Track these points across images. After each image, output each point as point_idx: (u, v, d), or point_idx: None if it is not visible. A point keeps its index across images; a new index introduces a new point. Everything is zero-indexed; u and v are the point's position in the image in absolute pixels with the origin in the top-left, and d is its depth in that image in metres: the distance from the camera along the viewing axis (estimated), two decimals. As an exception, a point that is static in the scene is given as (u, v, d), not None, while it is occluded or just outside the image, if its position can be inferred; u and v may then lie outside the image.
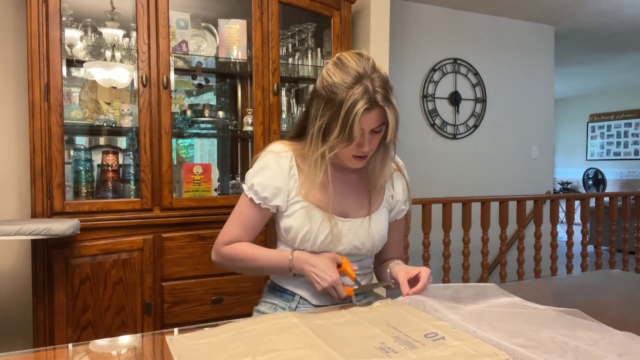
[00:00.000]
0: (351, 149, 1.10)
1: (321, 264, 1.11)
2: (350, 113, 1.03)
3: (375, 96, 1.04)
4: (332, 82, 1.07)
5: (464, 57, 4.16)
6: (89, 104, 2.13)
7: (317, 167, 1.12)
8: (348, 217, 1.19)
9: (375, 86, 1.05)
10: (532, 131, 4.52)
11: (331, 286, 1.08)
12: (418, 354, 0.75)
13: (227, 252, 1.21)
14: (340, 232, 1.17)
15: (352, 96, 1.03)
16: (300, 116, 1.25)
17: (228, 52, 2.27)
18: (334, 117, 1.06)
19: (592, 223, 4.61)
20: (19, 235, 1.55)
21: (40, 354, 0.89)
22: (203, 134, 2.58)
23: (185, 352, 0.79)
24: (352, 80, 1.05)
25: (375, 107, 1.05)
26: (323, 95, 1.09)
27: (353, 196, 1.22)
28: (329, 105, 1.07)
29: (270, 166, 1.18)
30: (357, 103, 1.02)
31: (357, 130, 1.04)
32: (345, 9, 2.43)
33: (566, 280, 1.76)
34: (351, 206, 1.21)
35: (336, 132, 1.06)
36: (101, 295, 1.93)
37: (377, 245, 1.23)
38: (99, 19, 2.12)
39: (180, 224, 2.07)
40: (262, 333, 0.86)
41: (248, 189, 1.20)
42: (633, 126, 8.01)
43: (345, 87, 1.04)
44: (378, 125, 1.08)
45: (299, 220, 1.16)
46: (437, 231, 3.01)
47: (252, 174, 1.20)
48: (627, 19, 4.26)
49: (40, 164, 1.86)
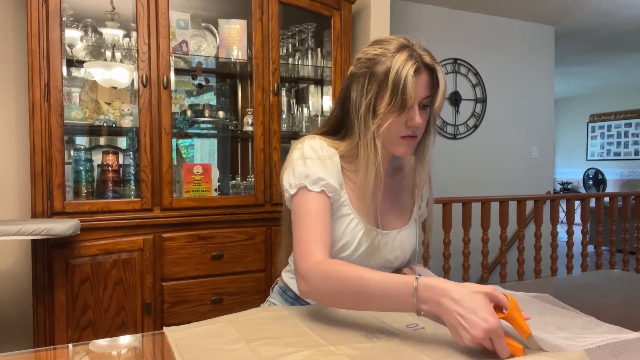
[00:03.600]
0: (400, 127, 1.01)
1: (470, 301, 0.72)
2: (400, 76, 0.95)
3: (422, 58, 0.98)
4: (373, 55, 1.01)
5: (464, 57, 4.16)
6: (89, 104, 2.13)
7: (371, 151, 1.00)
8: (385, 228, 1.10)
9: (420, 50, 1.00)
10: (532, 131, 4.52)
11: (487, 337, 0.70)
12: (400, 340, 0.80)
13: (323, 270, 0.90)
14: (378, 245, 1.07)
15: (398, 60, 0.96)
16: (334, 112, 1.12)
17: (228, 52, 2.27)
18: (382, 86, 0.98)
19: (592, 223, 4.60)
20: (19, 235, 1.55)
21: (40, 354, 0.89)
22: (203, 134, 2.58)
23: (181, 340, 0.82)
24: (395, 47, 0.99)
25: (424, 70, 0.99)
26: (364, 72, 1.01)
27: (390, 204, 1.13)
28: (374, 78, 0.99)
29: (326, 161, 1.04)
30: (406, 64, 0.96)
31: (410, 92, 0.95)
32: (345, 9, 2.43)
33: (566, 280, 1.76)
34: (386, 215, 1.12)
35: (386, 100, 0.97)
36: (101, 295, 1.93)
37: (408, 257, 1.15)
38: (99, 19, 2.13)
39: (181, 224, 2.08)
40: (255, 323, 0.91)
41: (313, 183, 0.99)
42: (633, 126, 8.01)
43: (390, 55, 0.98)
44: (427, 94, 1.00)
45: (342, 227, 1.04)
46: (438, 231, 3.01)
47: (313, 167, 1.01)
48: (627, 19, 4.26)
49: (40, 164, 1.87)
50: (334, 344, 0.79)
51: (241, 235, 2.17)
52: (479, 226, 3.12)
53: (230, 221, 2.16)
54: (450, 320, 0.74)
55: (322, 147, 1.06)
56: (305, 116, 2.56)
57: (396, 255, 1.11)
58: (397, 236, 1.11)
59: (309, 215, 0.98)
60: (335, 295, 0.88)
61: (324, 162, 1.03)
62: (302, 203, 1.00)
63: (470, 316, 0.71)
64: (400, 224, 1.13)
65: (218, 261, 2.12)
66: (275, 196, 2.26)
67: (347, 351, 0.76)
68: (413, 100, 0.98)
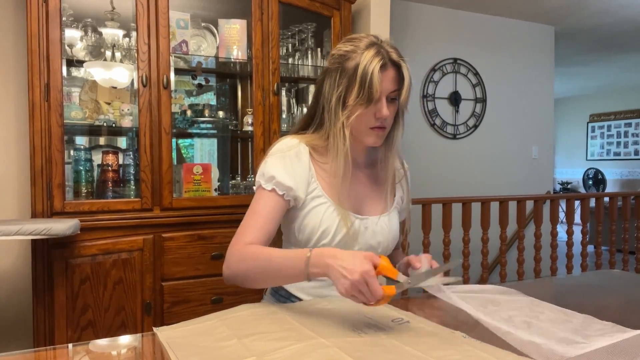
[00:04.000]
0: (369, 118, 1.08)
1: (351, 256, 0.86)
2: (367, 71, 1.03)
3: (389, 55, 1.06)
4: (344, 51, 1.09)
5: (464, 57, 4.16)
6: (89, 104, 2.13)
7: (340, 139, 1.08)
8: (364, 215, 1.16)
9: (388, 48, 1.07)
10: (532, 131, 4.52)
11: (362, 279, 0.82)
12: (386, 333, 0.85)
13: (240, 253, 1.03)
14: (357, 230, 1.13)
15: (366, 56, 1.04)
16: (309, 106, 1.21)
17: (228, 52, 2.27)
18: (351, 80, 1.06)
19: (592, 223, 4.60)
20: (19, 235, 1.55)
21: (40, 354, 0.89)
22: (203, 134, 2.58)
23: (173, 338, 0.82)
24: (365, 45, 1.07)
25: (391, 65, 1.06)
26: (336, 67, 1.09)
27: (368, 192, 1.19)
28: (344, 73, 1.07)
29: (289, 157, 1.12)
30: (373, 60, 1.04)
31: (376, 86, 1.03)
32: (345, 9, 2.43)
33: (566, 280, 1.76)
34: (366, 203, 1.18)
35: (354, 93, 1.05)
36: (101, 295, 1.93)
37: (391, 245, 1.20)
38: (99, 19, 2.13)
39: (180, 224, 2.07)
40: (245, 319, 0.92)
41: (267, 181, 1.10)
42: (633, 126, 8.01)
43: (359, 52, 1.06)
44: (394, 89, 1.08)
45: (318, 217, 1.10)
46: (437, 231, 3.01)
47: (270, 166, 1.11)
48: (627, 19, 4.26)
49: (40, 164, 1.86)
50: (324, 337, 0.81)
51: (241, 235, 2.17)
52: (479, 226, 3.12)
53: (230, 221, 2.16)
54: (334, 274, 0.86)
55: (290, 146, 1.14)
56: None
57: (378, 240, 1.17)
58: (377, 222, 1.17)
59: (252, 211, 1.09)
60: (248, 273, 1.02)
61: (284, 159, 1.11)
62: (254, 200, 1.11)
63: (349, 265, 0.84)
64: (379, 211, 1.19)
65: (218, 261, 2.12)
66: (275, 196, 2.25)
67: (338, 343, 0.78)
68: (379, 93, 1.06)
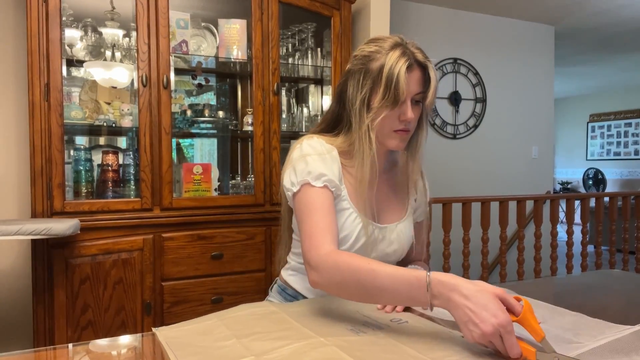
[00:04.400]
0: (393, 121, 1.04)
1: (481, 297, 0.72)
2: (393, 72, 1.00)
3: (415, 56, 1.03)
4: (368, 52, 1.05)
5: (464, 57, 4.16)
6: (89, 103, 2.13)
7: (366, 143, 1.04)
8: (381, 222, 1.13)
9: (413, 49, 1.04)
10: (532, 131, 4.52)
11: (496, 333, 0.69)
12: (385, 333, 0.83)
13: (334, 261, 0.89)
14: (375, 239, 1.10)
15: (392, 57, 1.01)
16: (331, 108, 1.17)
17: (228, 52, 2.27)
18: (376, 82, 1.02)
19: (592, 223, 4.61)
20: (19, 235, 1.55)
21: (40, 354, 0.89)
22: (203, 134, 2.58)
23: (172, 338, 0.82)
24: (390, 45, 1.03)
25: (416, 66, 1.03)
26: (360, 68, 1.06)
27: (385, 199, 1.16)
28: (368, 74, 1.04)
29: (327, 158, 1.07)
30: (399, 61, 1.00)
31: (402, 88, 1.00)
32: (345, 9, 2.43)
33: (566, 280, 1.76)
34: (383, 210, 1.15)
35: (380, 95, 1.01)
36: (101, 295, 1.93)
37: (404, 253, 1.18)
38: (99, 19, 2.13)
39: (180, 224, 2.08)
40: (244, 319, 0.92)
41: (316, 179, 1.02)
42: (633, 126, 8.01)
43: (384, 52, 1.03)
44: (419, 90, 1.04)
45: (340, 221, 1.06)
46: (437, 231, 3.01)
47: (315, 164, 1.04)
48: (627, 19, 4.26)
49: (40, 164, 1.86)
50: (323, 336, 0.81)
51: (241, 235, 2.17)
52: (479, 226, 3.12)
53: (230, 221, 2.16)
54: (460, 315, 0.73)
55: (320, 144, 1.09)
56: (305, 116, 2.56)
57: (394, 248, 1.14)
58: (394, 230, 1.14)
59: (314, 210, 0.99)
60: (345, 285, 0.88)
61: (323, 158, 1.06)
62: (306, 199, 1.01)
63: (481, 312, 0.70)
64: (396, 218, 1.16)
65: (218, 261, 2.12)
66: (275, 196, 2.26)
67: (337, 342, 0.78)
68: (405, 95, 1.01)
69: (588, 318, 0.92)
